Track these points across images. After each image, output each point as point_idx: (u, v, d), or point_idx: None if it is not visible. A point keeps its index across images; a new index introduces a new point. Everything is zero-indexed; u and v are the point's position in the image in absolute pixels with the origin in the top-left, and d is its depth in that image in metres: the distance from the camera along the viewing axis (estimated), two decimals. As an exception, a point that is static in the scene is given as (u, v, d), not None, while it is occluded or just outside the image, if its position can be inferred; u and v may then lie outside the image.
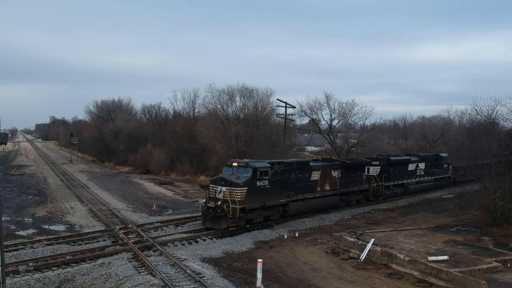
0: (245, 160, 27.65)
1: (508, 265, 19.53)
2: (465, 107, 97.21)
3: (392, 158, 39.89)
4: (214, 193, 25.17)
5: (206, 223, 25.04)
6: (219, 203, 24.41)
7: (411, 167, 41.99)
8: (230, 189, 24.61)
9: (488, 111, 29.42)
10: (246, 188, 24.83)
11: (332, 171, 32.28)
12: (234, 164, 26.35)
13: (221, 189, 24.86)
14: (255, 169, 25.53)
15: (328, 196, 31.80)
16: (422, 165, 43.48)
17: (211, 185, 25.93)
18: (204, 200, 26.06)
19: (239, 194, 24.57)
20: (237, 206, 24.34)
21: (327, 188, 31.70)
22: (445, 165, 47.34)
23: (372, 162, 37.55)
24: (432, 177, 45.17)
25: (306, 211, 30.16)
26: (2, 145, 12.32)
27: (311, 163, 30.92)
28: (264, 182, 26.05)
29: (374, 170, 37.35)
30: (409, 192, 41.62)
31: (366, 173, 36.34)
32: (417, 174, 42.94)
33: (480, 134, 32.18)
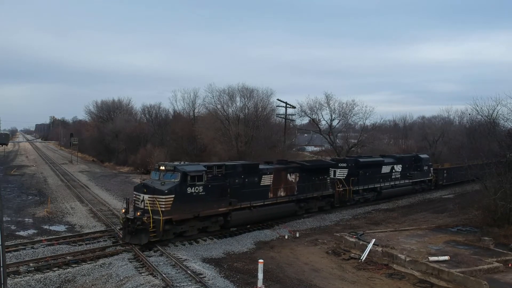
0: (175, 163, 23.80)
1: (509, 265, 19.54)
2: (465, 107, 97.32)
3: (361, 159, 36.65)
4: (138, 202, 21.91)
5: (125, 237, 21.56)
6: (139, 213, 21.08)
7: (385, 169, 38.62)
8: (152, 197, 21.19)
9: (488, 111, 29.46)
10: (173, 196, 21.40)
11: (288, 174, 28.84)
12: (161, 167, 22.88)
13: (143, 197, 21.52)
14: (185, 174, 22.00)
15: (282, 203, 28.08)
16: (398, 168, 40.20)
17: (134, 192, 22.72)
18: (123, 210, 22.28)
19: (164, 203, 21.09)
20: (161, 217, 20.79)
21: (282, 194, 28.14)
22: (425, 167, 44.13)
23: (339, 164, 34.65)
24: (410, 181, 41.72)
25: (254, 221, 26.52)
26: (3, 145, 12.30)
27: (261, 166, 27.39)
28: (197, 189, 22.48)
29: (340, 173, 34.20)
30: (382, 197, 38.04)
31: (332, 176, 33.47)
32: (393, 177, 39.45)
33: (481, 134, 32.17)
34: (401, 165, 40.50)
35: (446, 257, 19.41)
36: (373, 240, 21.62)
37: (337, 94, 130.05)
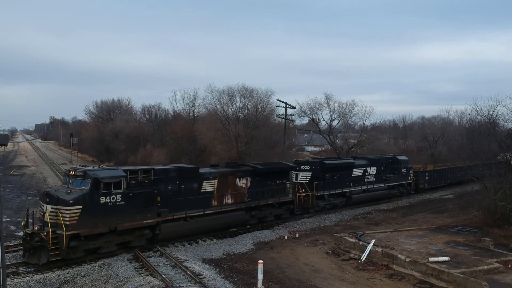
0: (88, 167, 20.96)
1: (509, 266, 19.53)
2: (465, 107, 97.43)
3: (327, 162, 33.73)
4: (42, 214, 18.90)
5: (24, 255, 18.67)
6: (37, 228, 18.10)
7: (357, 172, 35.77)
8: (55, 209, 18.18)
9: (488, 111, 29.44)
10: (81, 206, 18.31)
11: (238, 179, 25.68)
12: (71, 172, 19.84)
13: (46, 208, 18.49)
14: (97, 180, 18.88)
15: (229, 212, 24.92)
16: (372, 170, 37.25)
17: (41, 201, 19.93)
18: (23, 223, 19.38)
19: (68, 215, 18.02)
20: (64, 232, 17.80)
21: (229, 201, 25.05)
22: (404, 170, 41.06)
23: (301, 167, 32.00)
24: (386, 184, 38.74)
25: (192, 233, 23.20)
26: (3, 146, 12.23)
27: (202, 170, 24.26)
28: (114, 198, 19.42)
29: (303, 177, 31.61)
30: (352, 202, 35.05)
31: (294, 180, 31.00)
32: (366, 180, 36.50)
33: (481, 135, 32.16)
34: (375, 168, 37.55)
35: (446, 258, 19.41)
36: (373, 240, 21.61)
37: (337, 94, 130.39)
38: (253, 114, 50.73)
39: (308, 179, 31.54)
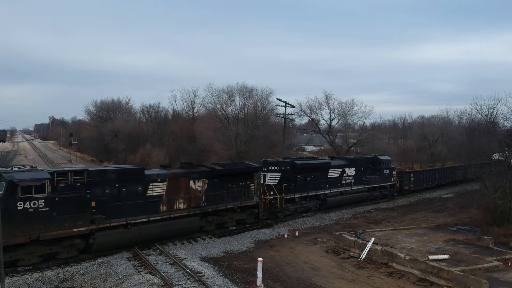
0: (4, 169, 18.63)
1: (509, 264, 19.51)
2: (465, 106, 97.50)
3: (299, 162, 31.20)
4: None
5: None
6: None
7: (333, 173, 33.33)
8: None
9: (488, 110, 29.42)
10: None
11: (192, 181, 23.44)
12: None
13: None
14: (12, 184, 16.69)
15: (180, 218, 22.54)
16: (351, 171, 35.01)
17: None
18: None
19: None
20: None
21: (181, 206, 22.83)
22: (386, 171, 38.57)
23: (269, 168, 29.32)
24: (366, 186, 36.48)
25: (136, 242, 20.52)
26: (1, 143, 12.13)
27: (148, 172, 22.23)
28: (36, 203, 17.22)
29: (271, 178, 29.00)
30: (327, 206, 32.58)
31: (262, 181, 28.87)
32: (343, 182, 34.15)
33: (480, 133, 32.14)
34: (354, 169, 35.30)
35: (446, 256, 19.39)
36: (373, 239, 21.59)
37: (337, 94, 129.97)
38: (252, 113, 50.77)
39: (277, 181, 28.92)
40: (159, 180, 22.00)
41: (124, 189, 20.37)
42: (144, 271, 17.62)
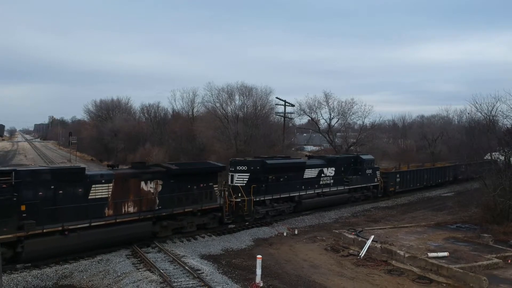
0: None
1: (509, 261, 19.48)
2: (465, 106, 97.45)
3: (270, 161, 28.53)
4: None
5: None
6: None
7: (310, 173, 31.17)
8: None
9: (488, 108, 29.36)
10: None
11: (143, 182, 21.37)
12: None
13: None
14: None
15: (129, 223, 20.39)
16: (329, 171, 32.85)
17: None
18: None
19: None
20: None
21: (130, 209, 20.72)
22: (369, 171, 36.49)
23: (237, 168, 27.13)
24: (347, 187, 34.38)
25: (73, 250, 18.66)
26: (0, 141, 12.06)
27: (90, 172, 20.54)
28: None
29: (239, 179, 26.82)
30: (303, 208, 30.41)
31: (230, 182, 26.98)
32: (321, 183, 31.95)
33: (480, 132, 32.10)
34: (334, 168, 33.17)
35: (446, 254, 19.36)
36: (372, 236, 21.57)
37: (336, 94, 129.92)
38: (252, 113, 50.72)
39: (245, 182, 26.68)
40: (103, 181, 19.94)
41: (61, 191, 18.34)
42: (143, 268, 17.60)
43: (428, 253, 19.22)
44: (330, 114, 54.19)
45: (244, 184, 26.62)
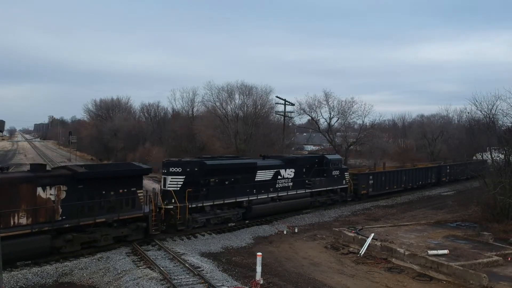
0: None
1: (508, 259, 19.49)
2: (465, 105, 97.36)
3: (210, 162, 25.12)
4: None
5: None
6: None
7: (263, 175, 27.59)
8: None
9: (488, 107, 29.32)
10: None
11: (41, 188, 18.01)
12: None
13: None
14: None
15: (18, 238, 16.88)
16: (288, 173, 29.36)
17: None
18: None
19: None
20: None
21: (22, 221, 17.35)
22: (336, 172, 32.94)
23: (170, 169, 23.53)
24: (309, 190, 30.75)
25: None
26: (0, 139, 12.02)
27: None
28: None
29: (172, 183, 23.30)
30: (253, 215, 26.83)
31: (163, 186, 23.73)
32: (278, 186, 28.64)
33: (480, 131, 32.09)
34: (293, 170, 29.77)
35: (445, 251, 19.39)
36: (372, 234, 21.58)
37: (336, 94, 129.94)
38: (252, 112, 50.75)
39: (179, 186, 23.31)
40: None
41: None
42: (143, 266, 17.62)
43: (428, 251, 19.23)
44: (330, 114, 54.22)
45: (178, 189, 23.20)
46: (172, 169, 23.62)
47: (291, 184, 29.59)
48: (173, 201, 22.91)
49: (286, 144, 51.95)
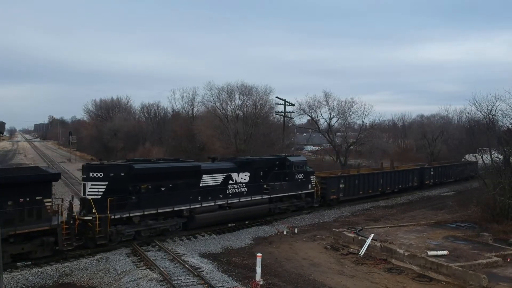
0: None
1: (508, 260, 19.51)
2: (464, 106, 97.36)
3: (139, 166, 21.81)
4: None
5: None
6: None
7: (210, 180, 24.61)
8: None
9: (487, 107, 29.36)
10: None
11: None
12: None
13: None
14: None
15: None
16: (241, 177, 26.31)
17: None
18: None
19: None
20: None
21: None
22: (300, 176, 29.85)
23: (90, 174, 20.33)
24: (267, 196, 27.63)
25: None
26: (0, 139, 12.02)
27: None
28: None
29: (92, 190, 20.06)
30: (197, 225, 23.81)
31: (83, 194, 20.67)
32: (229, 192, 25.49)
33: (480, 131, 32.13)
34: (248, 173, 26.69)
35: (445, 252, 19.40)
36: (372, 235, 21.60)
37: (336, 94, 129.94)
38: (252, 112, 50.79)
39: (100, 193, 20.14)
40: None
41: None
42: (143, 266, 17.65)
43: (428, 252, 19.25)
44: (330, 114, 54.32)
45: (98, 197, 20.04)
46: (93, 174, 20.37)
47: (245, 189, 26.53)
48: (93, 211, 19.65)
49: (286, 144, 52.00)
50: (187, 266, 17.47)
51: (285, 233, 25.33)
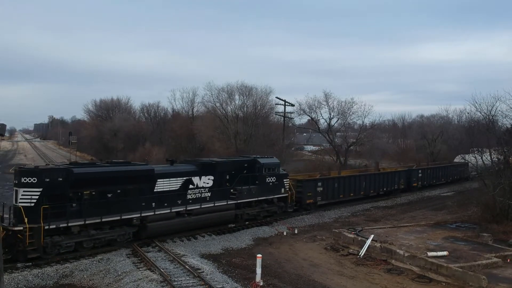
0: None
1: (508, 260, 19.53)
2: (464, 106, 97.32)
3: (79, 170, 19.69)
4: None
5: None
6: None
7: (166, 185, 22.58)
8: None
9: (487, 108, 29.38)
10: None
11: None
12: None
13: None
14: None
15: None
16: (204, 181, 24.26)
17: None
18: None
19: None
20: None
21: None
22: (271, 179, 27.65)
23: (22, 180, 18.22)
24: (234, 201, 25.41)
25: None
26: (0, 139, 12.01)
27: None
28: None
29: (24, 197, 18.02)
30: (151, 234, 21.55)
31: (15, 201, 18.54)
32: (189, 197, 23.45)
33: (480, 132, 32.18)
34: (212, 177, 24.66)
35: (445, 253, 19.43)
36: (372, 236, 21.63)
37: (336, 94, 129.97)
38: (252, 112, 50.86)
39: (33, 201, 18.08)
40: None
41: None
42: (143, 267, 17.66)
43: (428, 252, 19.28)
44: (330, 114, 54.33)
45: (31, 205, 18.00)
46: (25, 180, 18.21)
47: (208, 194, 24.42)
48: (26, 220, 17.56)
49: (286, 144, 52.05)
50: (187, 267, 17.49)
51: (285, 233, 25.36)
